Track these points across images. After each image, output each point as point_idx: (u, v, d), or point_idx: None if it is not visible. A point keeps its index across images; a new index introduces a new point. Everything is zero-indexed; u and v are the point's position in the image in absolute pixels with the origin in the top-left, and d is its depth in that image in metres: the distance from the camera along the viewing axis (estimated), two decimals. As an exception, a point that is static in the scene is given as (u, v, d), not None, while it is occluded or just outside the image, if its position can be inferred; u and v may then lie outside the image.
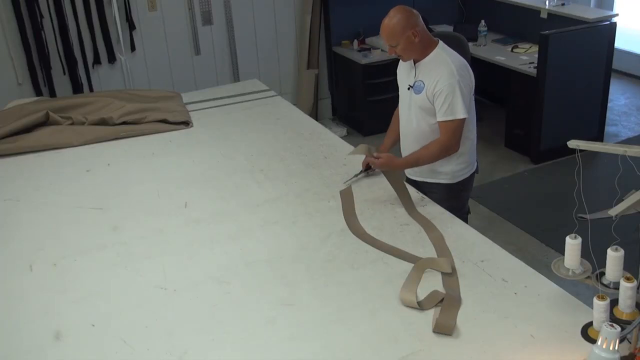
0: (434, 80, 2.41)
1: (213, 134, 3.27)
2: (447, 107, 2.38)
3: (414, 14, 2.43)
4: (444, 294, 1.91)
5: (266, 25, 5.23)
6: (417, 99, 2.50)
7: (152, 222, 2.46)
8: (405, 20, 2.39)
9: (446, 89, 2.37)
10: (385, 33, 2.44)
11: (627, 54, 6.21)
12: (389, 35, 2.42)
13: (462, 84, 2.39)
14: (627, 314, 1.56)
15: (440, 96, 2.39)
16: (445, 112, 2.39)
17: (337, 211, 2.45)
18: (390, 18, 2.42)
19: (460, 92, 2.37)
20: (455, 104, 2.37)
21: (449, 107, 2.38)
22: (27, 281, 2.14)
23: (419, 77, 2.48)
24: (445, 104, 2.38)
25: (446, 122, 2.40)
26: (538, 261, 3.45)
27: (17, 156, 3.10)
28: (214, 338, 1.81)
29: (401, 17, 2.40)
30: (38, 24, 4.39)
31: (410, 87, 2.52)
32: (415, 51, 2.46)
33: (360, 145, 2.59)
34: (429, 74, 2.44)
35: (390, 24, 2.41)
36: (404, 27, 2.39)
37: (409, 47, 2.43)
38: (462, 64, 2.45)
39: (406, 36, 2.39)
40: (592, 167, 4.46)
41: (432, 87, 2.41)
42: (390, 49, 2.47)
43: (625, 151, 1.61)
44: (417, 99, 2.50)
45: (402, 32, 2.39)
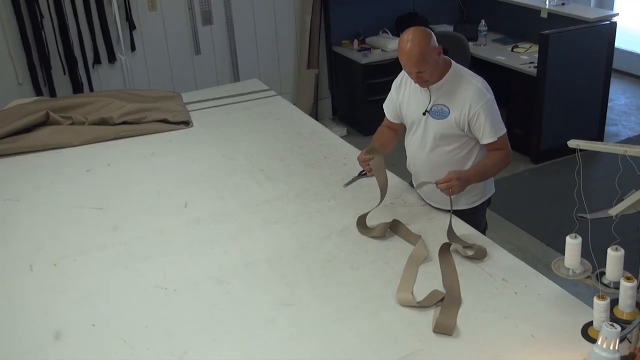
0: (463, 104, 2.24)
1: (213, 134, 3.27)
2: (493, 126, 2.24)
3: (432, 33, 2.25)
4: (444, 293, 1.91)
5: (266, 25, 5.23)
6: (436, 125, 2.31)
7: (152, 222, 2.46)
8: (429, 41, 2.19)
9: (484, 110, 2.23)
10: (413, 60, 2.17)
11: (627, 53, 6.20)
12: (419, 61, 2.17)
13: (493, 101, 2.28)
14: (627, 314, 1.56)
15: (480, 119, 2.23)
16: (490, 132, 2.24)
17: (337, 211, 2.45)
18: (413, 43, 2.16)
19: (496, 109, 2.28)
20: (495, 122, 2.26)
21: (494, 125, 2.25)
22: (27, 281, 2.14)
23: (439, 102, 2.29)
24: (490, 123, 2.24)
25: (500, 138, 2.27)
26: (538, 261, 3.45)
27: (17, 156, 3.10)
28: (214, 338, 1.81)
29: (424, 38, 2.18)
30: (38, 24, 4.39)
31: (427, 112, 2.32)
32: (438, 72, 2.27)
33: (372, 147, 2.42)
34: (452, 97, 2.26)
35: (416, 48, 2.16)
36: (432, 51, 2.19)
37: (435, 68, 2.23)
38: (483, 80, 2.33)
39: (434, 60, 2.20)
40: (592, 167, 4.46)
41: (464, 111, 2.24)
42: (417, 76, 2.22)
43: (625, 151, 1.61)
44: (436, 125, 2.31)
45: (430, 56, 2.18)
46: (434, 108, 2.31)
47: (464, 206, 2.43)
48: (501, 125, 2.30)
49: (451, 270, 2.02)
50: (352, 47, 5.29)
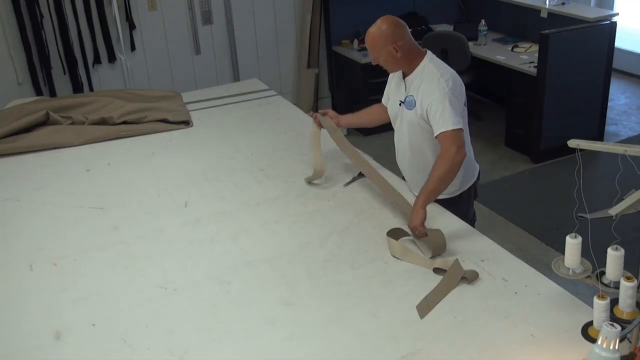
0: (424, 95, 2.32)
1: (213, 134, 3.27)
2: (441, 120, 2.27)
3: (399, 27, 2.34)
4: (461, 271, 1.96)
5: (266, 25, 5.23)
6: (408, 115, 2.41)
7: (152, 222, 2.46)
8: (389, 33, 2.31)
9: (437, 103, 2.27)
10: (367, 43, 2.39)
11: (627, 53, 6.20)
12: (371, 47, 2.37)
13: (453, 95, 2.29)
14: (628, 313, 1.56)
15: (432, 110, 2.29)
16: (440, 125, 2.27)
17: (337, 211, 2.45)
18: (374, 28, 2.35)
19: (450, 103, 2.26)
20: (448, 115, 2.26)
21: (443, 119, 2.26)
22: (27, 281, 2.14)
23: (410, 92, 2.39)
24: (438, 117, 2.27)
25: (443, 133, 2.27)
26: (538, 260, 3.45)
27: (17, 156, 3.10)
28: (214, 338, 1.81)
29: (385, 29, 2.32)
30: (38, 24, 4.39)
31: (402, 103, 2.44)
32: (399, 65, 2.39)
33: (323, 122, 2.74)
34: (419, 88, 2.35)
35: (373, 35, 2.34)
36: (385, 41, 2.31)
37: (391, 60, 2.36)
38: (450, 75, 2.34)
39: (387, 50, 2.32)
40: (592, 167, 4.46)
41: (424, 102, 2.32)
42: (373, 59, 2.41)
43: (625, 150, 1.61)
44: (408, 115, 2.41)
45: (383, 45, 2.32)
46: (407, 99, 2.41)
47: (445, 195, 2.43)
48: (452, 121, 2.25)
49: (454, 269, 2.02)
50: (352, 46, 5.29)
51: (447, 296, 1.91)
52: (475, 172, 2.61)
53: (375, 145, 4.56)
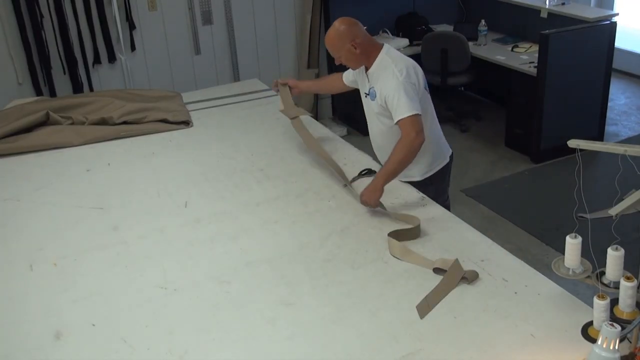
0: (382, 86, 2.48)
1: (213, 134, 3.27)
2: (398, 108, 2.42)
3: (354, 25, 2.52)
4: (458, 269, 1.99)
5: (266, 25, 5.23)
6: (373, 105, 2.58)
7: (152, 222, 2.46)
8: (345, 32, 2.49)
9: (392, 92, 2.43)
10: (327, 45, 2.55)
11: (627, 53, 6.20)
12: (331, 48, 2.53)
13: (407, 83, 2.43)
14: (627, 314, 1.56)
15: (389, 99, 2.45)
16: (397, 112, 2.43)
17: (337, 211, 2.45)
18: (331, 30, 2.52)
19: (405, 91, 2.41)
20: (403, 103, 2.41)
21: (400, 107, 2.42)
22: (27, 281, 2.14)
23: (372, 84, 2.56)
24: (395, 105, 2.42)
25: (401, 120, 2.42)
26: (538, 261, 3.45)
27: (17, 156, 3.10)
28: (214, 338, 1.81)
29: (342, 29, 2.49)
30: (38, 24, 4.39)
31: (367, 95, 2.60)
32: (359, 61, 2.54)
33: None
34: (378, 80, 2.51)
35: (331, 36, 2.52)
36: (343, 40, 2.48)
37: (352, 57, 2.52)
38: (404, 64, 2.48)
39: (346, 48, 2.49)
40: (592, 167, 4.46)
41: (382, 92, 2.48)
42: (335, 59, 2.56)
43: (625, 150, 1.61)
44: (373, 105, 2.58)
45: (342, 45, 2.49)
46: (370, 90, 2.57)
47: (417, 177, 2.64)
48: (407, 108, 2.40)
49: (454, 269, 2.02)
50: (352, 47, 5.28)
51: (447, 296, 1.91)
52: (446, 154, 2.74)
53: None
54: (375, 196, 2.37)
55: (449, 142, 2.81)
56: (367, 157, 2.87)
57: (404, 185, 2.61)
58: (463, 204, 4.14)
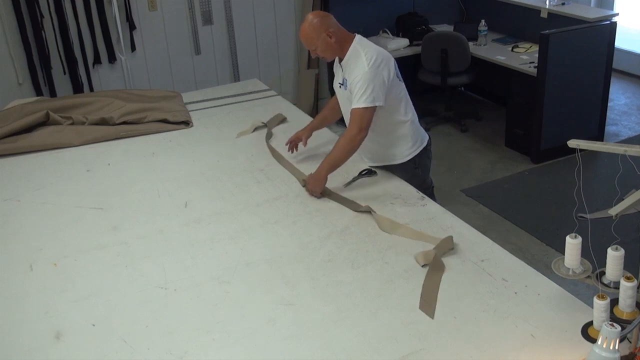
0: (351, 74, 2.53)
1: (213, 134, 3.27)
2: (356, 97, 2.47)
3: (326, 16, 2.55)
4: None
5: (266, 25, 5.23)
6: (346, 95, 2.62)
7: (152, 222, 2.46)
8: (319, 23, 2.51)
9: (357, 80, 2.47)
10: (303, 38, 2.57)
11: (627, 53, 6.21)
12: (307, 40, 2.55)
13: (372, 74, 2.46)
14: (627, 314, 1.56)
15: (353, 87, 2.49)
16: (354, 101, 2.48)
17: (337, 211, 2.45)
18: (305, 23, 2.54)
19: (369, 81, 2.45)
20: (362, 93, 2.45)
21: (356, 95, 2.47)
22: (27, 281, 2.14)
23: (345, 75, 2.59)
24: (355, 93, 2.47)
25: (354, 109, 2.48)
26: (538, 261, 3.45)
27: (17, 156, 3.10)
28: (214, 338, 1.81)
29: (315, 21, 2.51)
30: (38, 24, 4.39)
31: (341, 85, 2.64)
32: (334, 50, 2.57)
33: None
34: (350, 69, 2.55)
35: (306, 29, 2.53)
36: (318, 31, 2.50)
37: (327, 47, 2.54)
38: (375, 54, 2.51)
39: (322, 38, 2.51)
40: (592, 167, 4.46)
41: (350, 80, 2.53)
42: (312, 52, 2.58)
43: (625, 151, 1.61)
44: (346, 95, 2.62)
45: (317, 35, 2.51)
46: (345, 80, 2.60)
47: (400, 159, 2.72)
48: (365, 99, 2.45)
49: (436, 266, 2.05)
50: (352, 47, 5.28)
51: (447, 296, 1.91)
52: (424, 137, 2.80)
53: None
54: (320, 184, 2.51)
55: (449, 142, 2.82)
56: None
57: (404, 185, 2.61)
58: (463, 204, 4.14)
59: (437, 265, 2.04)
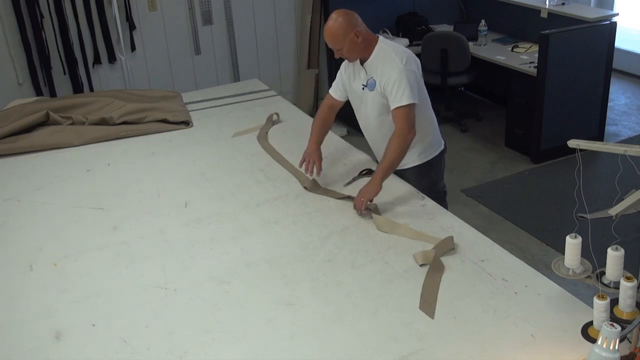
0: (381, 73, 2.50)
1: (213, 134, 3.27)
2: (395, 95, 2.45)
3: (353, 15, 2.49)
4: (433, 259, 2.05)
5: (266, 25, 5.23)
6: (371, 96, 2.58)
7: (152, 222, 2.46)
8: (347, 22, 2.45)
9: (392, 79, 2.45)
10: (329, 37, 2.49)
11: (627, 53, 6.21)
12: (334, 39, 2.47)
13: (407, 72, 2.46)
14: (627, 314, 1.56)
15: (388, 86, 2.47)
16: (394, 99, 2.46)
17: (337, 211, 2.45)
18: (332, 22, 2.47)
19: (407, 79, 2.44)
20: (403, 92, 2.44)
21: (397, 94, 2.45)
22: (27, 281, 2.14)
23: (370, 75, 2.55)
24: (393, 92, 2.45)
25: (397, 109, 2.45)
26: (538, 261, 3.45)
27: (17, 156, 3.10)
28: (214, 338, 1.81)
29: (342, 19, 2.45)
30: (38, 24, 4.39)
31: (365, 86, 2.59)
32: (360, 51, 2.52)
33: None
34: (377, 69, 2.52)
35: (333, 27, 2.46)
36: (346, 30, 2.44)
37: (354, 47, 2.49)
38: (404, 53, 2.52)
39: (349, 38, 2.45)
40: (592, 167, 4.46)
41: (382, 81, 2.50)
42: (336, 52, 2.52)
43: (625, 151, 1.61)
44: (371, 96, 2.58)
45: (345, 35, 2.44)
46: (369, 81, 2.56)
47: (417, 162, 2.68)
48: (406, 97, 2.43)
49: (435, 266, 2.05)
50: (352, 47, 5.28)
51: (447, 296, 1.91)
52: (441, 141, 2.78)
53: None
54: (375, 191, 2.41)
55: (449, 142, 2.82)
56: (367, 157, 2.87)
57: (404, 186, 2.61)
58: (463, 204, 4.14)
59: (436, 265, 2.04)
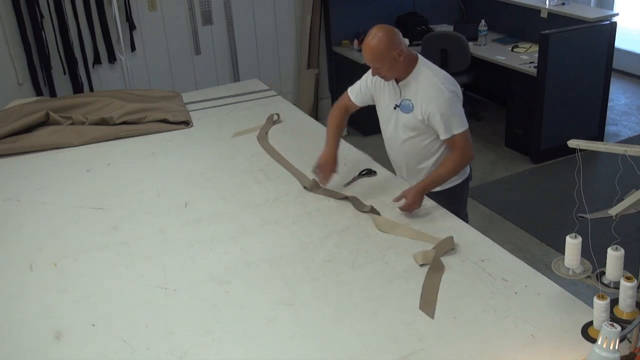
0: (424, 101, 2.37)
1: (213, 134, 3.27)
2: (448, 125, 2.35)
3: (396, 33, 2.35)
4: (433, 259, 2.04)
5: (266, 25, 5.23)
6: (404, 118, 2.46)
7: (152, 222, 2.46)
8: (390, 40, 2.30)
9: (441, 108, 2.34)
10: (369, 55, 2.33)
11: (627, 53, 6.21)
12: (374, 58, 2.32)
13: (453, 100, 2.37)
14: (627, 314, 1.56)
15: (436, 116, 2.35)
16: (446, 130, 2.36)
17: (337, 211, 2.45)
18: (372, 39, 2.31)
19: (456, 106, 2.37)
20: (454, 120, 2.36)
21: (449, 124, 2.35)
22: (27, 281, 2.14)
23: (406, 96, 2.43)
24: (445, 122, 2.35)
25: (453, 137, 2.38)
26: (538, 261, 3.45)
27: (17, 156, 3.10)
28: (214, 338, 1.81)
29: (384, 37, 2.30)
30: (38, 24, 4.39)
31: (397, 107, 2.47)
32: (399, 71, 2.39)
33: None
34: (417, 93, 2.39)
35: (374, 45, 2.30)
36: (388, 48, 2.29)
37: (394, 67, 2.35)
38: (446, 78, 2.42)
39: (391, 57, 2.31)
40: (592, 167, 4.46)
41: (424, 107, 2.37)
42: (374, 70, 2.38)
43: (625, 151, 1.61)
44: (404, 118, 2.46)
45: (387, 53, 2.30)
46: (403, 102, 2.45)
47: (439, 188, 2.52)
48: (458, 124, 2.37)
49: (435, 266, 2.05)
50: (352, 47, 5.29)
51: (447, 296, 1.91)
52: (467, 168, 2.71)
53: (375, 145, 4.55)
54: (420, 201, 2.36)
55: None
56: (367, 157, 2.87)
57: (404, 185, 2.61)
58: (463, 204, 4.14)
59: (436, 265, 2.04)
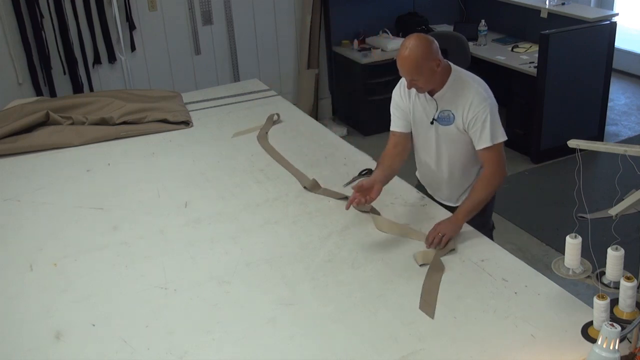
0: (464, 107, 2.22)
1: (213, 134, 3.27)
2: (486, 133, 2.21)
3: (432, 42, 2.19)
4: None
5: (266, 25, 5.23)
6: (444, 131, 2.31)
7: (152, 222, 2.46)
8: (428, 50, 2.15)
9: (481, 114, 2.19)
10: (406, 67, 2.16)
11: (627, 53, 6.20)
12: (412, 70, 2.15)
13: (494, 106, 2.23)
14: (627, 314, 1.56)
15: (477, 123, 2.21)
16: (484, 138, 2.21)
17: (337, 211, 2.45)
18: (410, 50, 2.14)
19: (495, 114, 2.22)
20: (494, 128, 2.21)
21: (488, 132, 2.21)
22: (27, 281, 2.14)
23: (444, 107, 2.27)
24: (484, 129, 2.20)
25: (488, 148, 2.22)
26: (538, 261, 3.45)
27: (17, 156, 3.10)
28: (214, 338, 1.81)
29: (421, 48, 2.14)
30: (38, 24, 4.39)
31: (434, 121, 2.30)
32: (435, 82, 2.23)
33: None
34: (456, 101, 2.24)
35: (413, 57, 2.13)
36: (427, 59, 2.14)
37: (431, 78, 2.20)
38: (484, 83, 2.29)
39: (429, 67, 2.16)
40: (592, 167, 4.46)
41: (464, 114, 2.23)
42: (409, 82, 2.21)
43: (625, 151, 1.61)
44: (444, 131, 2.31)
45: (426, 64, 2.15)
46: (440, 115, 2.29)
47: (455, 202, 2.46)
48: (498, 133, 2.23)
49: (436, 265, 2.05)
50: (352, 47, 5.29)
51: (447, 296, 1.91)
52: None
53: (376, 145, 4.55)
54: (457, 230, 2.17)
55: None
56: (367, 157, 2.87)
57: (404, 185, 2.61)
58: (463, 204, 4.14)
59: (437, 265, 2.05)
